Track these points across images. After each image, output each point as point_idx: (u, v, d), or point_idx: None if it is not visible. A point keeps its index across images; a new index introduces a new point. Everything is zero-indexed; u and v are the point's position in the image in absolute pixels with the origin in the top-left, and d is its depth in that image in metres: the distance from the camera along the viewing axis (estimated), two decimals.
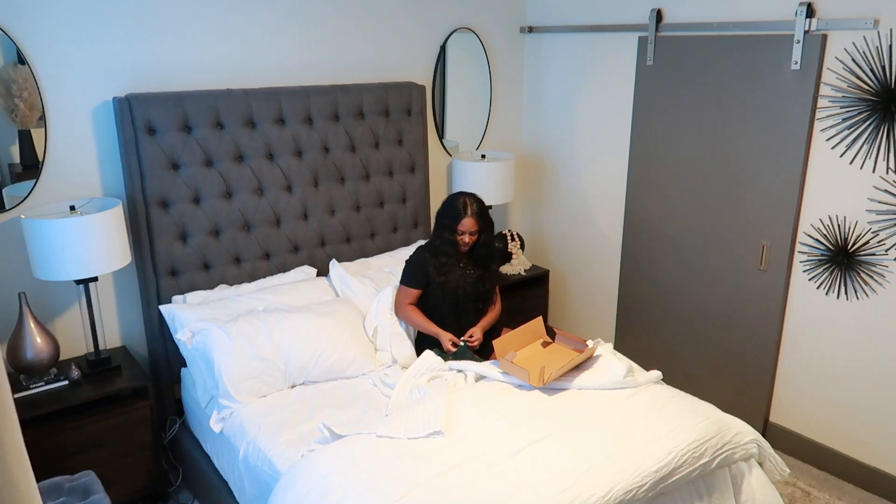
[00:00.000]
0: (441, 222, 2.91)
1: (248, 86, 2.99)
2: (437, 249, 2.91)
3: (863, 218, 2.71)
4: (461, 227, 2.84)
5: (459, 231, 2.84)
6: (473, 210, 2.86)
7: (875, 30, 2.54)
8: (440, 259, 2.89)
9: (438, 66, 3.68)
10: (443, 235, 2.89)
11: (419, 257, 2.95)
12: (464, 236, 2.86)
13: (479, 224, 2.87)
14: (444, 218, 2.90)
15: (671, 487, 2.06)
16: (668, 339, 3.53)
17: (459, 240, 2.86)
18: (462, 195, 2.92)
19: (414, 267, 2.94)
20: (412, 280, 2.92)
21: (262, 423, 2.39)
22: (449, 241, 2.87)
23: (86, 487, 2.15)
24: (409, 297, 2.92)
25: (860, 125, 2.64)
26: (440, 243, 2.90)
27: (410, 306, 2.92)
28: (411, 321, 2.90)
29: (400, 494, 1.86)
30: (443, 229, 2.89)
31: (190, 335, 2.63)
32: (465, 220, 2.84)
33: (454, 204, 2.88)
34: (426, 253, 2.93)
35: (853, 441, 2.90)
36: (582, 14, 3.65)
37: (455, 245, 2.88)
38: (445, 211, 2.90)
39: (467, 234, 2.85)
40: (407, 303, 2.92)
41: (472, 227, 2.85)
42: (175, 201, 2.80)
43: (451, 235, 2.86)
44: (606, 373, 2.50)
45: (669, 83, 3.26)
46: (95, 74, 2.67)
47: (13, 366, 2.50)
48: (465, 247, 2.89)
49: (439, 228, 2.92)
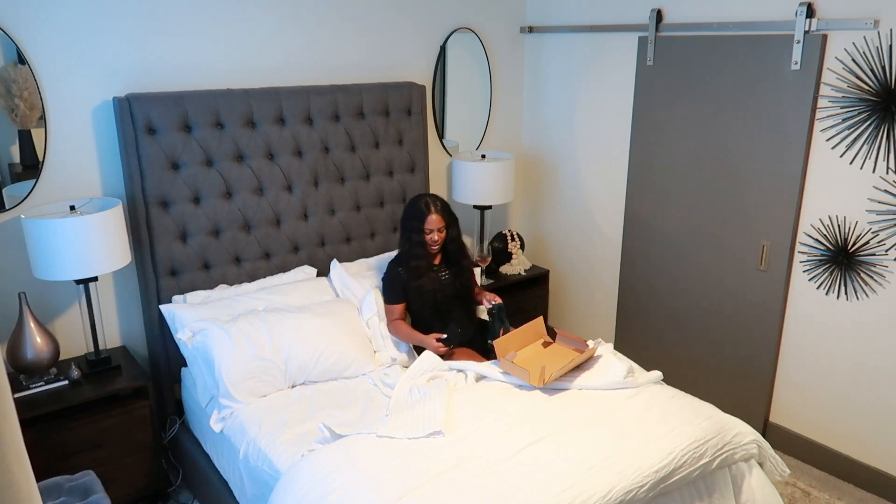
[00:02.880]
0: (407, 226, 2.90)
1: (248, 86, 2.99)
2: (407, 254, 2.90)
3: (863, 218, 2.71)
4: (428, 224, 2.84)
5: (427, 230, 2.84)
6: (437, 207, 2.87)
7: (875, 30, 2.54)
8: (411, 264, 2.89)
9: (438, 66, 3.68)
10: (411, 239, 2.88)
11: (391, 272, 2.95)
12: (432, 234, 2.86)
13: (445, 220, 2.88)
14: (409, 221, 2.89)
15: (671, 488, 2.06)
16: (668, 339, 3.53)
17: (428, 239, 2.86)
18: (422, 195, 2.95)
19: (389, 283, 2.94)
20: (391, 296, 2.93)
21: (263, 423, 2.39)
22: (418, 242, 2.86)
23: (86, 487, 2.15)
24: (395, 313, 2.92)
25: (860, 125, 2.64)
26: (409, 247, 2.89)
27: (398, 322, 2.92)
28: (401, 337, 2.90)
29: (400, 494, 1.86)
30: (410, 232, 2.88)
31: (190, 335, 2.63)
32: (431, 216, 2.84)
33: (417, 205, 2.89)
34: (397, 266, 2.94)
35: (853, 441, 2.90)
36: (582, 14, 3.65)
37: (424, 246, 2.87)
38: (409, 214, 2.90)
39: (435, 231, 2.86)
40: (394, 319, 2.92)
41: (439, 223, 2.86)
42: (175, 201, 2.80)
43: (418, 237, 2.86)
44: (607, 373, 2.50)
45: (669, 83, 3.26)
46: (95, 74, 2.67)
47: (13, 366, 2.50)
48: (435, 245, 2.89)
49: (406, 233, 2.91)
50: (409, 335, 2.87)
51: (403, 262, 2.91)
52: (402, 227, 2.95)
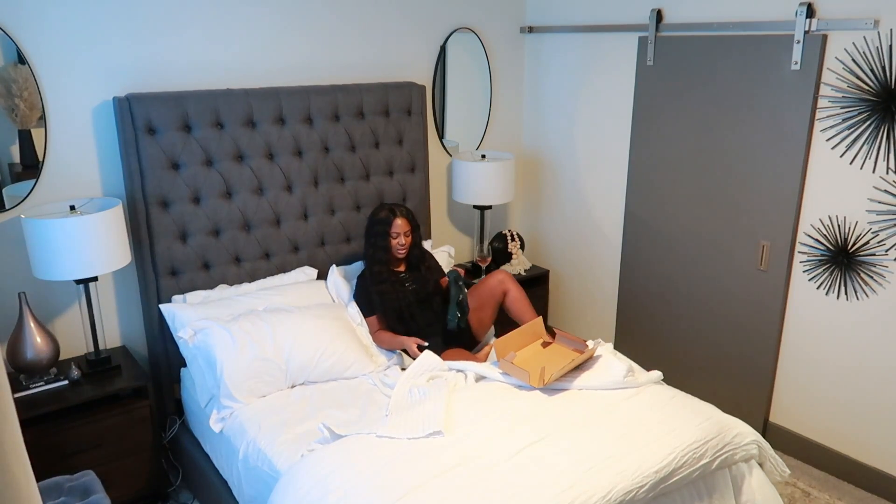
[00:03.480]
0: (373, 231, 2.96)
1: (248, 86, 2.99)
2: (371, 259, 2.96)
3: (863, 218, 2.71)
4: (395, 228, 2.91)
5: (394, 234, 2.91)
6: (402, 211, 2.96)
7: (875, 30, 2.54)
8: (374, 269, 2.95)
9: (438, 66, 3.68)
10: (376, 244, 2.94)
11: (360, 285, 3.00)
12: (399, 238, 2.92)
13: (410, 223, 2.96)
14: (375, 226, 2.95)
15: (671, 488, 2.06)
16: (668, 339, 3.53)
17: (395, 244, 2.92)
18: (385, 203, 3.06)
19: (360, 297, 2.99)
20: (365, 309, 2.97)
21: (262, 423, 2.39)
22: (382, 247, 2.93)
23: (86, 487, 2.15)
24: (374, 325, 2.96)
25: (860, 125, 2.64)
26: (373, 252, 2.95)
27: (380, 332, 2.94)
28: (384, 345, 2.91)
29: (400, 494, 1.86)
30: (376, 238, 2.94)
31: (192, 333, 2.63)
32: (397, 220, 2.92)
33: (381, 211, 2.97)
34: (363, 278, 2.99)
35: (853, 441, 2.90)
36: (582, 14, 3.65)
37: (390, 250, 2.93)
38: (375, 220, 2.96)
39: (402, 234, 2.92)
40: (375, 331, 2.95)
41: (405, 227, 2.93)
42: (175, 201, 2.80)
43: (384, 241, 2.92)
44: (607, 373, 2.50)
45: (669, 83, 3.26)
46: (95, 74, 2.67)
47: (13, 365, 2.50)
48: (402, 249, 2.94)
49: (372, 238, 2.96)
50: (391, 341, 2.90)
51: (369, 271, 2.97)
52: (367, 234, 3.01)
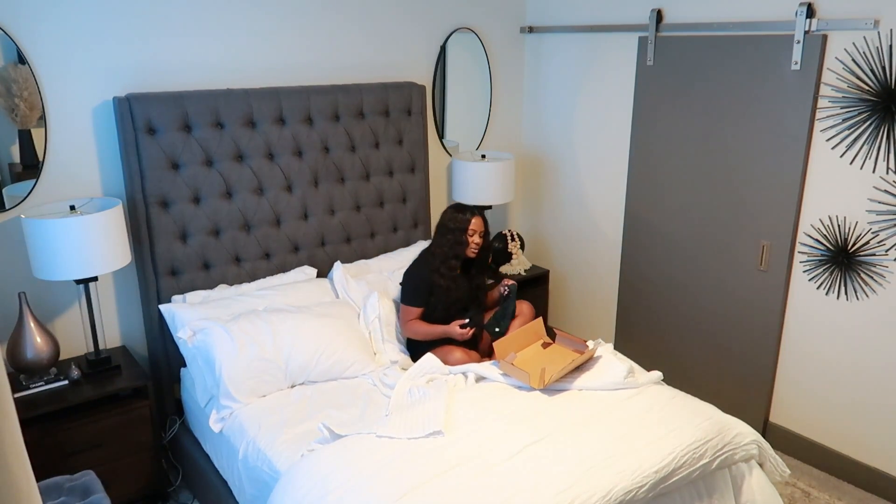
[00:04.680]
0: (447, 228, 2.90)
1: (248, 86, 2.99)
2: (444, 256, 2.88)
3: (863, 218, 2.71)
4: (472, 226, 2.88)
5: (471, 231, 2.88)
6: (479, 212, 2.94)
7: (875, 30, 2.54)
8: (450, 263, 2.88)
9: (438, 66, 3.68)
10: (453, 240, 2.88)
11: (419, 274, 2.92)
12: (475, 236, 2.89)
13: (485, 225, 2.94)
14: (451, 223, 2.90)
15: (671, 488, 2.06)
16: (668, 339, 3.53)
17: (471, 241, 2.88)
18: (458, 203, 3.02)
19: (415, 285, 2.92)
20: (414, 298, 2.90)
21: (262, 423, 2.39)
22: (460, 242, 2.87)
23: (86, 487, 2.15)
24: (412, 315, 2.90)
25: (860, 125, 2.64)
26: (449, 248, 2.88)
27: (415, 321, 2.90)
28: (419, 334, 2.87)
29: (400, 494, 1.86)
30: (451, 234, 2.88)
31: (191, 333, 2.63)
32: (475, 219, 2.89)
33: (457, 210, 2.93)
34: (425, 267, 2.91)
35: (853, 441, 2.90)
36: (582, 14, 3.65)
37: (464, 247, 2.88)
38: (451, 217, 2.91)
39: (477, 233, 2.89)
40: (409, 319, 2.90)
41: (481, 226, 2.91)
42: (175, 201, 2.80)
43: (461, 237, 2.87)
44: (607, 373, 2.50)
45: (669, 83, 3.26)
46: (95, 74, 2.67)
47: (13, 365, 2.50)
48: (475, 248, 2.91)
49: (445, 235, 2.90)
50: (429, 331, 2.85)
51: (440, 264, 2.88)
52: (441, 229, 2.94)
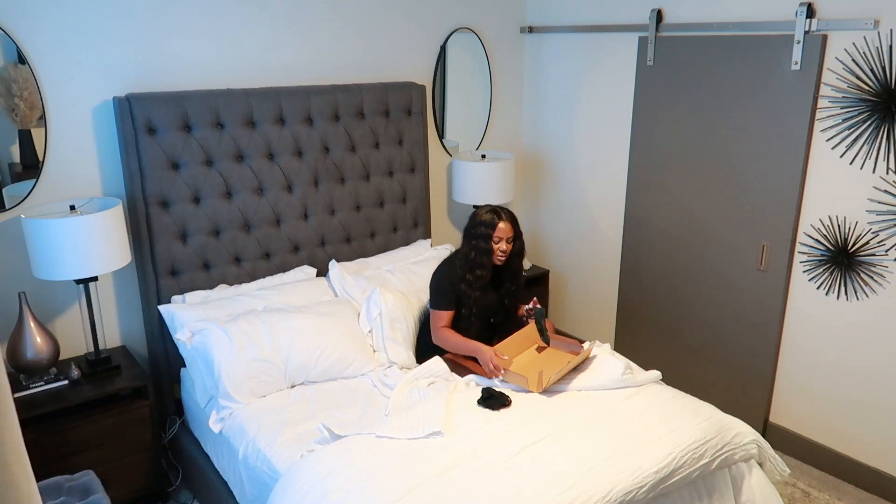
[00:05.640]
0: (473, 233, 2.73)
1: (249, 86, 2.99)
2: (472, 262, 2.72)
3: (863, 218, 2.71)
4: (498, 233, 2.69)
5: (496, 238, 2.69)
6: (508, 215, 2.74)
7: (875, 30, 2.54)
8: (476, 272, 2.71)
9: (438, 66, 3.68)
10: (477, 247, 2.71)
11: (447, 277, 2.77)
12: (500, 244, 2.71)
13: (514, 230, 2.75)
14: (477, 228, 2.72)
15: (671, 488, 2.06)
16: (668, 339, 3.53)
17: (496, 248, 2.70)
18: (489, 205, 2.81)
19: (442, 288, 2.77)
20: (443, 302, 2.76)
21: (262, 424, 2.39)
22: (484, 251, 2.69)
23: (85, 487, 2.15)
24: (443, 319, 2.75)
25: (860, 125, 2.64)
26: (475, 255, 2.70)
27: (446, 329, 2.75)
28: (448, 344, 2.72)
29: (400, 494, 1.86)
30: (477, 239, 2.71)
31: (190, 335, 2.63)
32: (502, 224, 2.70)
33: (486, 213, 2.74)
34: (452, 271, 2.76)
35: (853, 441, 2.90)
36: (582, 14, 3.65)
37: (491, 254, 2.70)
38: (478, 221, 2.73)
39: (504, 240, 2.71)
40: (441, 326, 2.76)
41: (508, 232, 2.71)
42: (175, 201, 2.80)
43: (486, 244, 2.69)
44: (605, 372, 2.50)
45: (669, 83, 3.26)
46: (95, 74, 2.67)
47: (13, 365, 2.50)
48: (502, 256, 2.73)
49: (472, 240, 2.73)
50: (459, 343, 2.67)
51: (466, 270, 2.73)
52: (466, 234, 2.78)
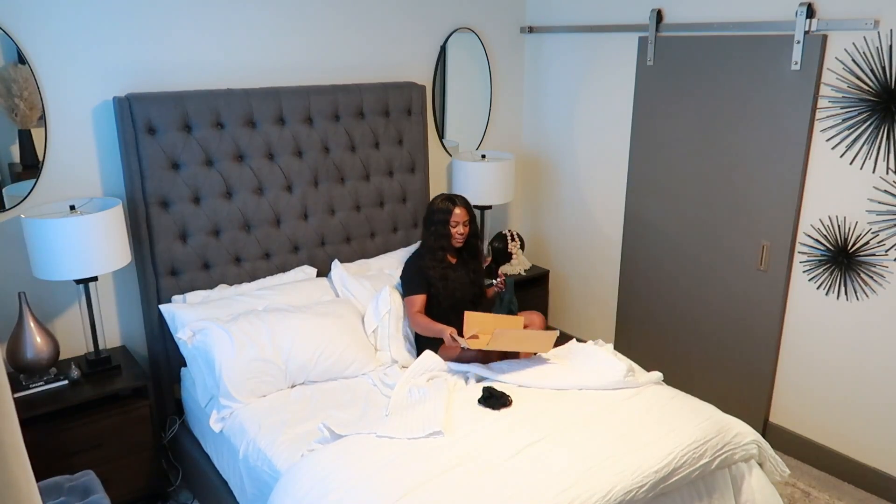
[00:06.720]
0: (432, 220, 2.97)
1: (249, 86, 2.99)
2: (431, 248, 2.95)
3: (863, 218, 2.71)
4: (454, 217, 2.93)
5: (453, 223, 2.93)
6: (462, 201, 2.98)
7: (875, 30, 2.54)
8: (437, 255, 2.95)
9: (438, 66, 3.68)
10: (437, 232, 2.95)
11: (413, 265, 2.99)
12: (458, 227, 2.94)
13: (468, 214, 2.98)
14: (435, 215, 2.97)
15: (671, 488, 2.06)
16: (668, 339, 3.53)
17: (454, 232, 2.94)
18: (443, 194, 3.05)
19: (411, 275, 2.97)
20: (413, 287, 2.93)
21: (262, 423, 2.39)
22: (444, 235, 2.93)
23: (85, 487, 2.15)
24: (416, 304, 2.91)
25: (860, 125, 2.64)
26: (435, 240, 2.95)
27: (419, 314, 2.89)
28: (420, 327, 2.87)
29: (400, 494, 1.86)
30: (435, 226, 2.95)
31: (191, 334, 2.63)
32: (457, 210, 2.94)
33: (441, 201, 2.98)
34: (419, 259, 2.98)
35: (853, 441, 2.90)
36: (582, 14, 3.65)
37: (450, 238, 2.94)
38: (435, 209, 2.98)
39: (461, 224, 2.94)
40: (415, 311, 2.90)
41: (464, 216, 2.95)
42: (175, 201, 2.80)
43: (444, 229, 2.93)
44: (607, 372, 2.50)
45: (670, 83, 3.26)
46: (95, 74, 2.67)
47: (13, 365, 2.50)
48: (460, 238, 2.96)
49: (431, 227, 2.97)
50: (429, 326, 2.84)
51: (429, 256, 2.95)
52: (426, 222, 3.02)
